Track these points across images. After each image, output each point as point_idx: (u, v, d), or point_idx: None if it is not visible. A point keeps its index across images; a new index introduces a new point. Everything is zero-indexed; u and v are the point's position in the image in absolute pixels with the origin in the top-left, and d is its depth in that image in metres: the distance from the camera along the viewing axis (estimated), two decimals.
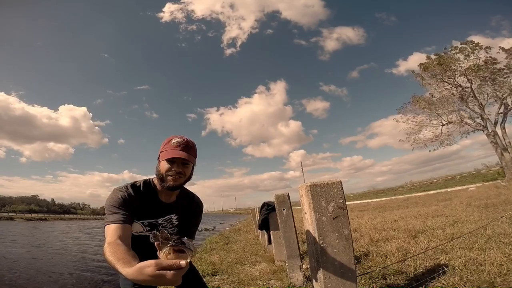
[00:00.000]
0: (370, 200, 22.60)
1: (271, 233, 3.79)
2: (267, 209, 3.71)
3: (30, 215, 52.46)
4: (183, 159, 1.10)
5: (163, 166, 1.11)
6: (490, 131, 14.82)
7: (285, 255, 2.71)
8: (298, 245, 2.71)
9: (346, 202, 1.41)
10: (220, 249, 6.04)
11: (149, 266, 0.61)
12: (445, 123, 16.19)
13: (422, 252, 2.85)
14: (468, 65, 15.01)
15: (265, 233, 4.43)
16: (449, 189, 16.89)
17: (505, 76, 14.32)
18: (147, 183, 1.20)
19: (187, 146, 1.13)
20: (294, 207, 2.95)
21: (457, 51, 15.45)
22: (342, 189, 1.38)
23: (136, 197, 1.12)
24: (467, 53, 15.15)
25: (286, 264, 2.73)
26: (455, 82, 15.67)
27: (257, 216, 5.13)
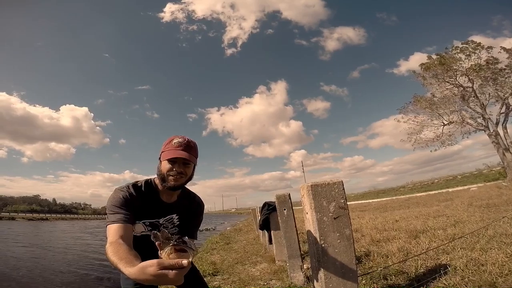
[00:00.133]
0: (371, 200, 22.55)
1: (272, 233, 3.79)
2: (268, 209, 3.72)
3: (31, 215, 52.68)
4: (184, 159, 1.10)
5: (165, 166, 1.12)
6: (492, 131, 14.77)
7: (286, 255, 2.71)
8: (299, 245, 2.71)
9: (347, 202, 1.41)
10: (221, 249, 6.05)
11: (151, 265, 0.61)
12: (446, 123, 16.14)
13: (423, 252, 2.85)
14: (470, 65, 14.97)
15: (266, 233, 4.43)
16: (450, 189, 16.82)
17: (507, 76, 14.27)
18: (149, 183, 1.20)
19: (188, 146, 1.13)
20: (295, 207, 2.95)
21: (458, 51, 15.41)
22: (344, 189, 1.38)
23: (138, 197, 1.13)
24: (468, 53, 15.11)
25: (287, 264, 2.73)
26: (457, 82, 15.62)
27: (258, 216, 5.13)
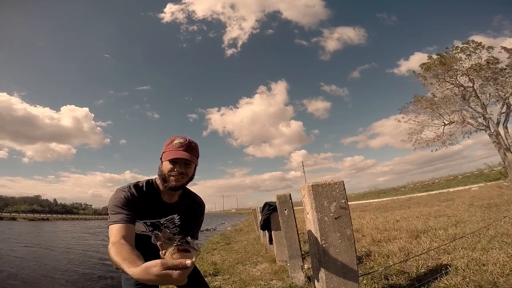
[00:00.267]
0: (371, 200, 22.52)
1: (272, 233, 3.79)
2: (269, 209, 3.72)
3: (32, 215, 52.64)
4: (185, 160, 1.11)
5: (166, 166, 1.12)
6: (493, 131, 14.75)
7: (286, 255, 2.71)
8: (299, 245, 2.71)
9: (348, 202, 1.41)
10: (222, 249, 6.05)
11: (155, 266, 0.62)
12: (447, 123, 16.14)
13: (424, 252, 2.84)
14: (470, 64, 14.97)
15: (267, 233, 4.43)
16: (451, 189, 16.78)
17: (507, 76, 14.27)
18: (150, 183, 1.20)
19: (189, 147, 1.13)
20: (296, 207, 2.95)
21: (458, 50, 15.41)
22: (344, 189, 1.38)
23: (139, 197, 1.13)
24: (469, 53, 15.10)
25: (288, 264, 2.73)
26: (457, 82, 15.62)
27: (259, 217, 5.13)
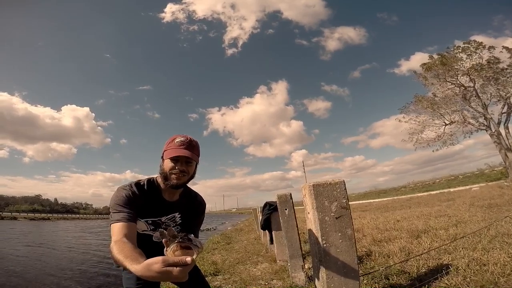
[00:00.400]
0: (372, 200, 22.51)
1: (273, 233, 3.79)
2: (269, 209, 3.72)
3: (33, 214, 52.75)
4: (186, 158, 1.12)
5: (167, 164, 1.13)
6: (494, 131, 14.73)
7: (287, 255, 2.71)
8: (300, 245, 2.72)
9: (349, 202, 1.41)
10: (222, 248, 6.05)
11: (156, 262, 0.63)
12: (448, 123, 16.12)
13: (425, 252, 2.84)
14: (471, 64, 14.94)
15: (267, 233, 4.43)
16: (452, 189, 16.76)
17: (509, 76, 14.23)
18: (151, 182, 1.21)
19: (190, 145, 1.14)
20: (296, 207, 2.96)
21: (459, 50, 15.38)
22: (345, 189, 1.38)
23: (140, 195, 1.14)
24: (470, 53, 15.08)
25: (288, 264, 2.73)
26: (458, 82, 15.60)
27: (259, 216, 5.14)
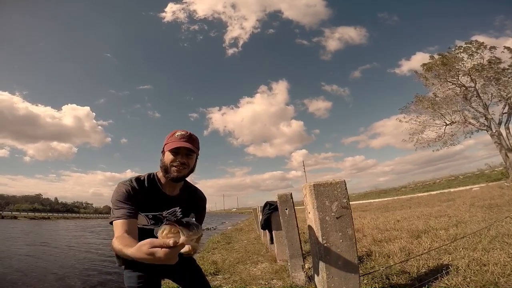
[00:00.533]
0: (372, 200, 22.49)
1: (273, 232, 3.79)
2: (270, 208, 3.72)
3: (33, 214, 52.82)
4: (187, 150, 1.14)
5: (168, 157, 1.15)
6: (494, 131, 14.70)
7: (287, 255, 2.72)
8: (300, 244, 2.72)
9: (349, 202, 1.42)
10: (222, 248, 6.06)
11: (145, 244, 0.68)
12: (448, 123, 16.08)
13: (425, 252, 2.85)
14: (472, 64, 14.91)
15: (267, 232, 4.44)
16: (452, 190, 16.73)
17: (510, 76, 14.20)
18: (151, 177, 1.23)
19: (190, 138, 1.17)
20: (296, 206, 2.96)
21: (461, 50, 15.35)
22: (346, 188, 1.39)
23: (140, 190, 1.15)
24: (471, 53, 15.05)
25: (289, 264, 2.73)
26: (459, 82, 15.57)
27: (259, 216, 5.14)
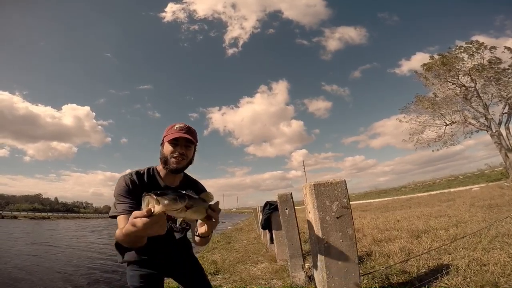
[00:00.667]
0: (372, 200, 22.49)
1: (273, 232, 3.79)
2: (270, 208, 3.72)
3: (33, 213, 52.68)
4: (186, 140, 1.17)
5: (167, 148, 1.18)
6: (494, 131, 14.70)
7: (287, 255, 2.72)
8: (300, 244, 2.72)
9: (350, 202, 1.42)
10: (222, 248, 6.06)
11: (132, 216, 0.75)
12: (448, 123, 16.08)
13: (425, 252, 2.85)
14: (472, 64, 14.90)
15: (267, 232, 4.44)
16: (452, 190, 16.74)
17: (510, 76, 14.20)
18: (151, 170, 1.25)
19: (189, 130, 1.21)
20: (296, 206, 2.96)
21: (461, 50, 15.34)
22: (346, 188, 1.39)
23: (140, 183, 1.17)
24: (471, 53, 15.04)
25: (289, 264, 2.73)
26: (459, 82, 15.57)
27: (259, 216, 5.14)
